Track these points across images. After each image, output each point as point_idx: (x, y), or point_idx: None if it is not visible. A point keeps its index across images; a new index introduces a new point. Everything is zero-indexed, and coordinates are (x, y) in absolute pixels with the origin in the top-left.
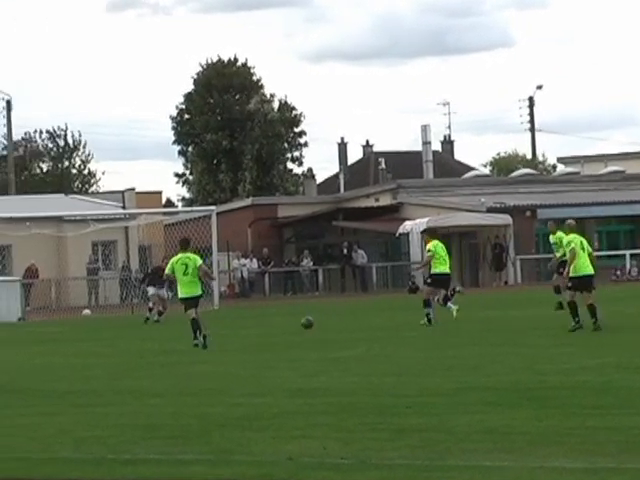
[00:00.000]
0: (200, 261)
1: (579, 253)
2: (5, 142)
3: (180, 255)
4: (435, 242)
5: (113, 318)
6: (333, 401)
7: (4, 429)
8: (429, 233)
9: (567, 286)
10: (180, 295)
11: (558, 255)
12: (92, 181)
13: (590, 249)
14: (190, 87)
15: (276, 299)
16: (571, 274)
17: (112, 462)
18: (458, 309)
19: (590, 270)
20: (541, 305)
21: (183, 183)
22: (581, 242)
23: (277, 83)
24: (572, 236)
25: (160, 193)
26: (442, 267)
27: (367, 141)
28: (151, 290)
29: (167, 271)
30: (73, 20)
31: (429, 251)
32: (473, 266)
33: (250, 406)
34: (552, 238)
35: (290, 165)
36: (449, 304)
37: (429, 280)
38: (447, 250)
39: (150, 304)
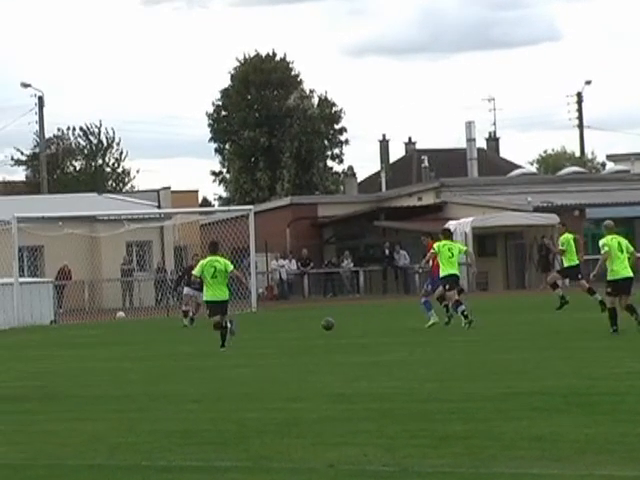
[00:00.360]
0: (231, 266)
1: (617, 255)
2: (37, 140)
3: (210, 258)
4: (442, 242)
5: (148, 321)
6: (374, 407)
7: (37, 435)
8: (442, 232)
9: (607, 291)
10: (206, 298)
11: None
12: (126, 180)
13: (631, 249)
14: (227, 83)
15: (315, 301)
16: (609, 278)
17: (147, 469)
18: (434, 323)
19: (628, 272)
20: (590, 308)
21: (220, 182)
22: (619, 243)
23: (317, 78)
24: (609, 238)
25: (196, 192)
26: (450, 269)
27: (409, 138)
28: (186, 290)
29: (196, 272)
30: (108, 13)
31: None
32: (519, 267)
33: (289, 411)
34: (561, 239)
35: (330, 163)
36: (431, 311)
37: (442, 282)
38: (486, 250)
39: (183, 306)
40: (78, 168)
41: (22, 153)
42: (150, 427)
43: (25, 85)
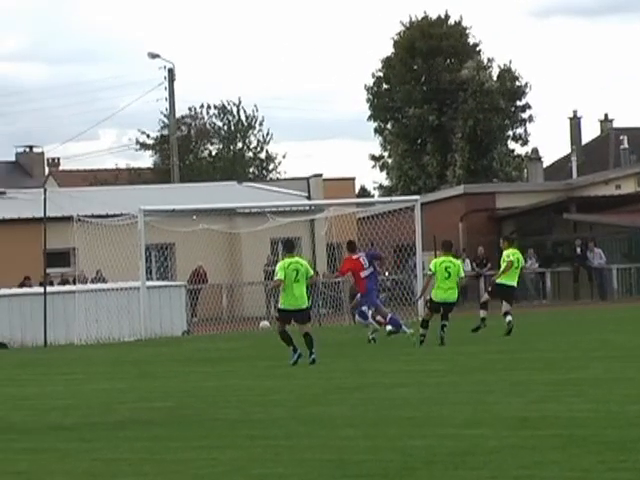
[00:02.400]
0: (312, 272)
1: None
2: (166, 120)
3: (290, 259)
4: (511, 250)
5: (296, 331)
6: (564, 433)
7: (167, 464)
8: (505, 240)
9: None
10: (283, 305)
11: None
12: (271, 166)
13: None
14: (389, 51)
15: (494, 308)
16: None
17: None
18: (412, 334)
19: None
20: None
21: (380, 168)
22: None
23: (495, 45)
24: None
25: (353, 180)
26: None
27: (606, 115)
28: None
29: (280, 276)
30: None
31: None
32: None
33: (463, 439)
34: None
35: (511, 145)
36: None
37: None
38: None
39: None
40: (214, 153)
41: (148, 136)
42: (300, 456)
43: (153, 56)
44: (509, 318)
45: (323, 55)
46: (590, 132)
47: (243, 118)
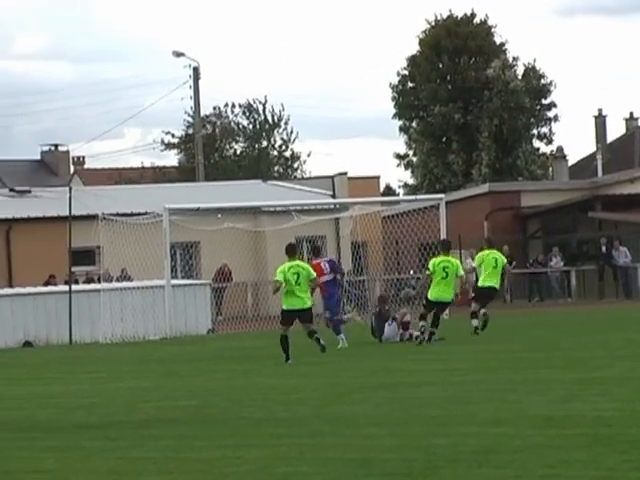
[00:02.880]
0: (314, 274)
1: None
2: (191, 118)
3: (291, 263)
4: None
5: (321, 330)
6: (589, 432)
7: (192, 463)
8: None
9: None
10: (285, 306)
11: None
12: (296, 165)
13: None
14: (415, 49)
15: (519, 307)
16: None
17: None
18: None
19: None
20: None
21: (405, 166)
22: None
23: (521, 44)
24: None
25: (378, 178)
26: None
27: (631, 114)
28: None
29: (278, 277)
30: None
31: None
32: None
33: (487, 437)
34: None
35: (536, 144)
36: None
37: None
38: None
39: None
40: (239, 151)
41: (173, 136)
42: (324, 455)
43: (178, 54)
44: (475, 322)
45: (348, 53)
46: (615, 130)
47: (269, 117)
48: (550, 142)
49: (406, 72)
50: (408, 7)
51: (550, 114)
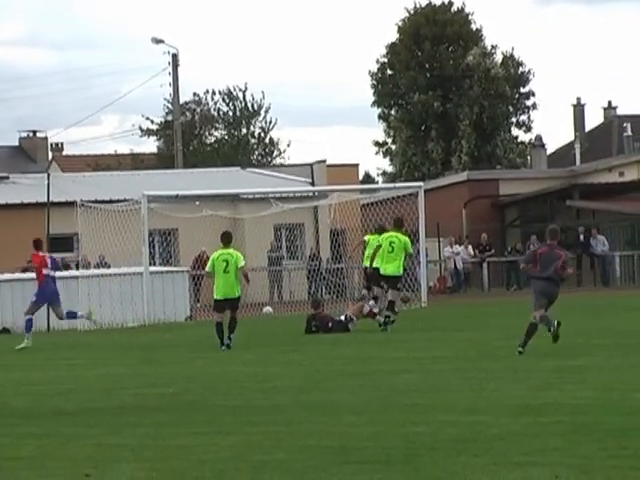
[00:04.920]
0: (243, 262)
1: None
2: (170, 105)
3: (221, 251)
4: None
5: (299, 317)
6: (566, 420)
7: (169, 450)
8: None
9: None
10: (215, 295)
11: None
12: (275, 152)
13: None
14: (394, 37)
15: (496, 295)
16: None
17: None
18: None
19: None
20: None
21: (384, 154)
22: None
23: (500, 32)
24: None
25: (356, 166)
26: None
27: (609, 102)
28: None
29: (207, 269)
30: None
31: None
32: None
33: (465, 426)
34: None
35: (515, 132)
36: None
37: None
38: None
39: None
40: (218, 138)
41: (152, 122)
42: (301, 442)
43: (157, 41)
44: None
45: (327, 41)
46: (593, 119)
47: (249, 104)
48: (529, 130)
49: (385, 60)
50: None
51: (529, 102)
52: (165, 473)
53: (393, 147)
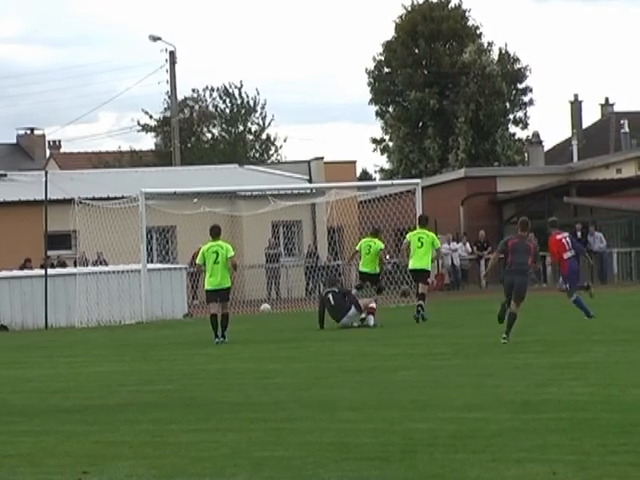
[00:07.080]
0: (232, 252)
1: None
2: (168, 102)
3: (211, 243)
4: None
5: (298, 314)
6: (565, 416)
7: (169, 447)
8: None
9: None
10: (207, 286)
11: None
12: (272, 149)
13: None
14: (391, 34)
15: (493, 292)
16: None
17: None
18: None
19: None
20: None
21: (382, 151)
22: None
23: (496, 29)
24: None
25: (354, 163)
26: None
27: (606, 99)
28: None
29: (198, 260)
30: None
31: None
32: None
33: (464, 422)
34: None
35: (512, 129)
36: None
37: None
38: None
39: None
40: (216, 135)
41: (151, 117)
42: (300, 439)
43: (154, 38)
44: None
45: (324, 38)
46: (591, 116)
47: (245, 101)
48: (526, 127)
49: (382, 57)
50: None
51: (526, 99)
52: (164, 470)
53: (390, 144)
